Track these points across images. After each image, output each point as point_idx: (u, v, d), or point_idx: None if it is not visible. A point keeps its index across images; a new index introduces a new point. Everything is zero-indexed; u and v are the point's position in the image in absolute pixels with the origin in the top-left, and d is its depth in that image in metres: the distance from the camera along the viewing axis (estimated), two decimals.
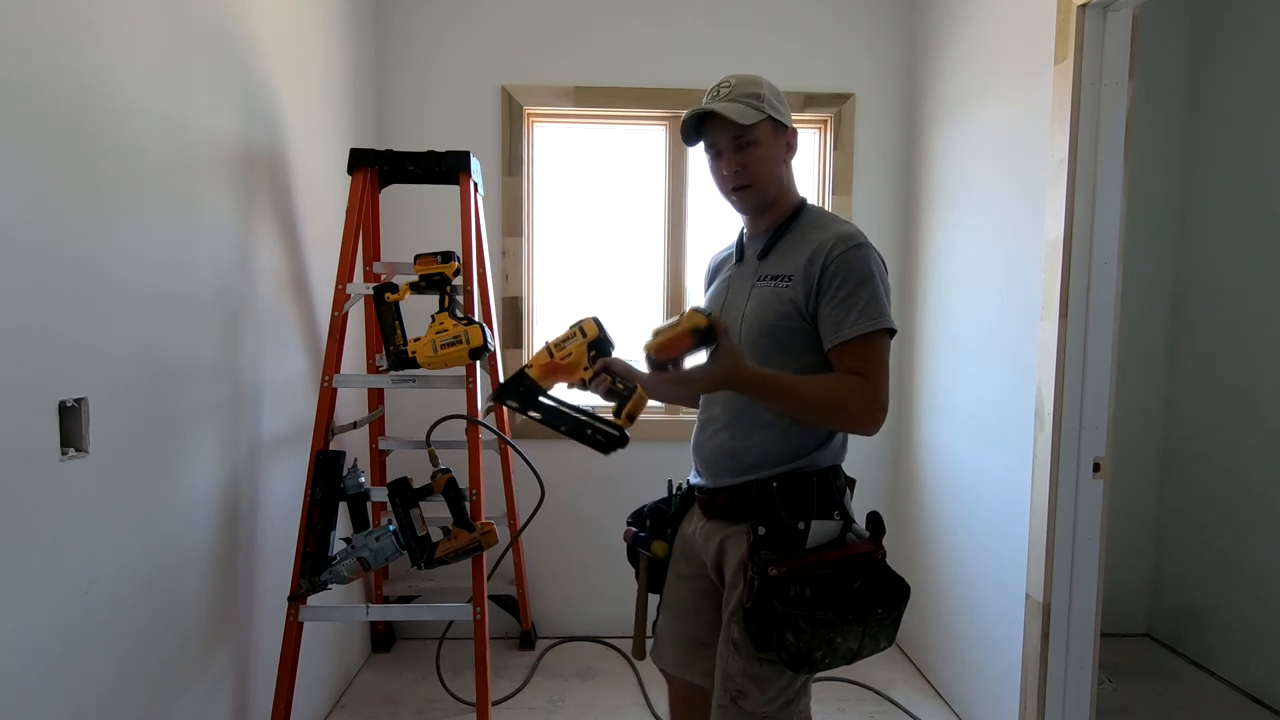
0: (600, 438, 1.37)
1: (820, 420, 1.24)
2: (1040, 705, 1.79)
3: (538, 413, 1.38)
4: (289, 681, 1.77)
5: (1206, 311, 2.61)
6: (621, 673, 2.49)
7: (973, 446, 2.18)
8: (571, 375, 1.37)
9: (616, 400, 1.31)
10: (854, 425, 1.23)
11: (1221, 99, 2.56)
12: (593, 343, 1.36)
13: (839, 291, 1.21)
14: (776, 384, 1.20)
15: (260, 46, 1.76)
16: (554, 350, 1.36)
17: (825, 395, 1.20)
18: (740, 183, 1.30)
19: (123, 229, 1.25)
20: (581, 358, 1.35)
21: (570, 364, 1.36)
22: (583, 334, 1.36)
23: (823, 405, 1.20)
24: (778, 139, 1.30)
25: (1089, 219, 1.69)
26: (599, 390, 1.33)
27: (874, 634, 1.19)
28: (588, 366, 1.35)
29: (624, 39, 2.62)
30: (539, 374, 1.36)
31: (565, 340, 1.36)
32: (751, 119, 1.25)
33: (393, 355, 1.84)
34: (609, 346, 1.37)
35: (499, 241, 2.65)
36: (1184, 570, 2.68)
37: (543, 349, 1.37)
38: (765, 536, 1.21)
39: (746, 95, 1.26)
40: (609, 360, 1.33)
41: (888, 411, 1.22)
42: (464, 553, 1.74)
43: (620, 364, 1.33)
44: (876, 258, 1.24)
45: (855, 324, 1.19)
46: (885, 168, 2.70)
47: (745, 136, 1.26)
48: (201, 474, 1.52)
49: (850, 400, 1.19)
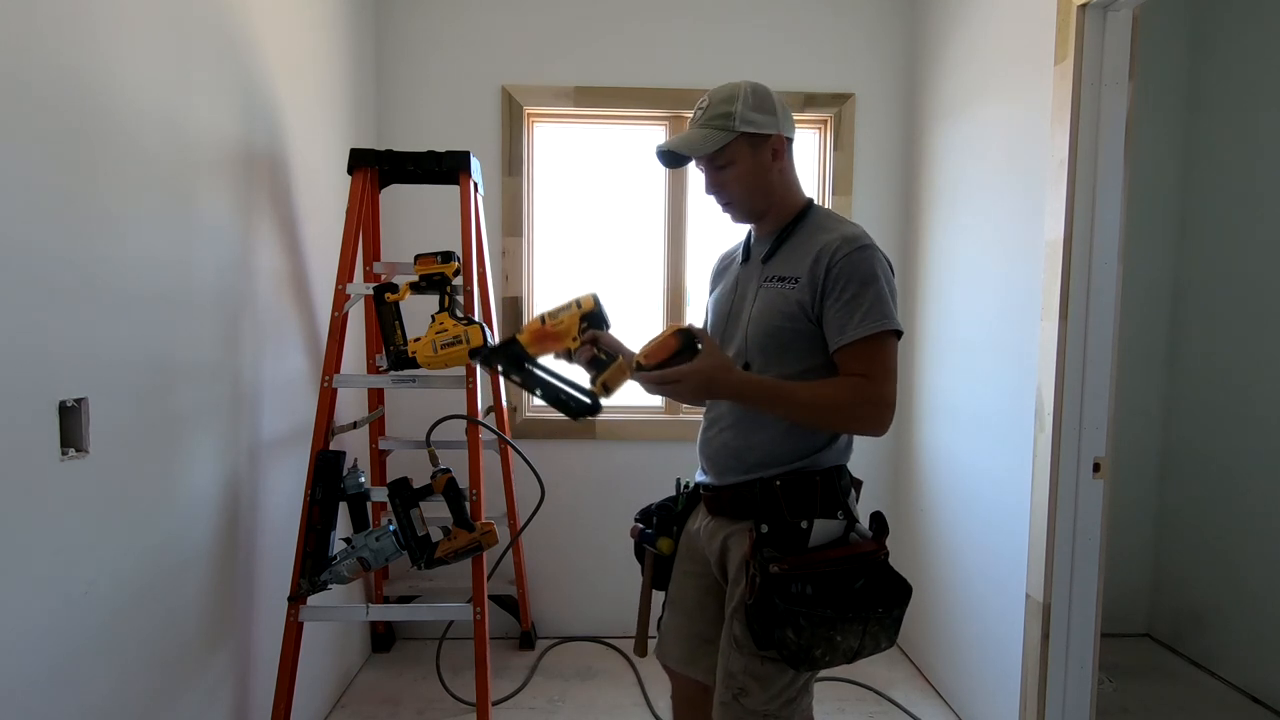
0: (572, 404, 1.36)
1: (822, 423, 1.24)
2: (1040, 705, 1.79)
3: (519, 376, 1.38)
4: (289, 681, 1.77)
5: (1206, 311, 2.61)
6: (621, 673, 2.49)
7: (973, 447, 2.18)
8: (559, 344, 1.37)
9: (596, 370, 1.32)
10: (858, 426, 1.23)
11: (1221, 99, 2.56)
12: (586, 315, 1.36)
13: (843, 293, 1.21)
14: (770, 390, 1.22)
15: (260, 46, 1.76)
16: (547, 318, 1.36)
17: (824, 398, 1.20)
18: (721, 201, 1.32)
19: (123, 229, 1.25)
20: (572, 328, 1.35)
21: (559, 332, 1.36)
22: (578, 306, 1.36)
23: (822, 408, 1.21)
24: (757, 152, 1.28)
25: (1089, 219, 1.69)
26: (582, 360, 1.34)
27: (874, 633, 1.20)
28: (576, 337, 1.35)
29: (624, 39, 2.62)
30: (528, 339, 1.36)
31: (559, 310, 1.37)
32: (714, 145, 1.25)
33: (393, 355, 1.84)
34: (603, 324, 1.37)
35: (499, 241, 2.65)
36: (1184, 570, 2.68)
37: (535, 318, 1.38)
38: (768, 534, 1.22)
39: (717, 117, 1.26)
40: (597, 332, 1.34)
41: (894, 411, 1.22)
42: (464, 553, 1.74)
43: (608, 337, 1.34)
44: (882, 259, 1.24)
45: (859, 326, 1.19)
46: (885, 168, 2.70)
47: (717, 160, 1.27)
48: (201, 474, 1.52)
49: (850, 401, 1.20)
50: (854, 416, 1.21)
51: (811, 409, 1.21)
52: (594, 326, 1.35)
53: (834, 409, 1.21)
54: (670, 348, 1.23)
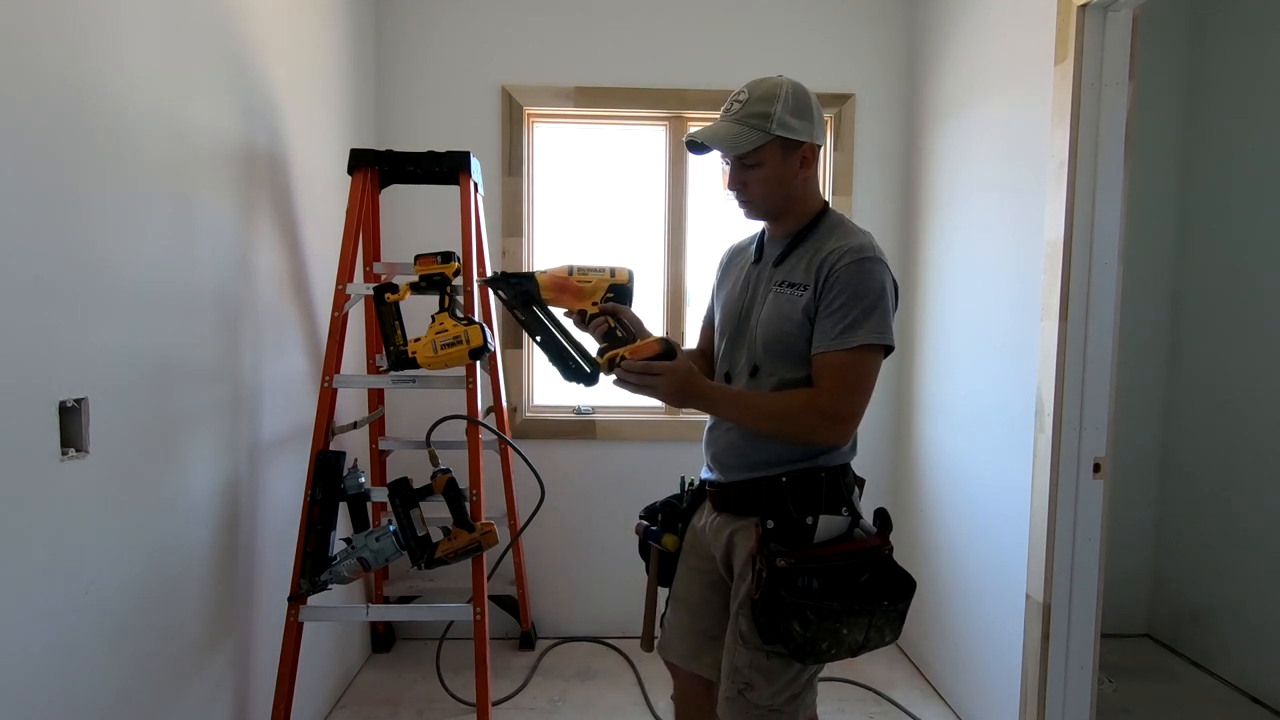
0: (570, 363, 1.31)
1: (778, 432, 1.25)
2: (1040, 706, 1.79)
3: (524, 315, 1.33)
4: (289, 682, 1.77)
5: (1206, 311, 2.61)
6: (622, 673, 2.49)
7: (972, 447, 2.18)
8: (578, 302, 1.32)
9: (609, 343, 1.29)
10: (810, 436, 1.25)
11: (1221, 100, 2.56)
12: (615, 285, 1.32)
13: (833, 302, 1.21)
14: (733, 398, 1.27)
15: (260, 46, 1.76)
16: (575, 271, 1.32)
17: (779, 409, 1.24)
18: (740, 199, 1.31)
19: (123, 229, 1.25)
20: (597, 291, 1.31)
21: (582, 290, 1.31)
22: (611, 274, 1.33)
23: (777, 417, 1.23)
24: (787, 157, 1.26)
25: (1089, 219, 1.69)
26: (596, 331, 1.31)
27: (879, 626, 1.21)
28: (597, 303, 1.31)
29: (624, 39, 2.62)
30: (547, 282, 1.32)
31: (590, 270, 1.32)
32: (748, 145, 1.23)
33: (393, 355, 1.84)
34: (628, 298, 1.34)
35: (499, 242, 2.65)
36: (1184, 570, 2.68)
37: (563, 266, 1.33)
38: (774, 530, 1.23)
39: (754, 115, 1.23)
40: (620, 306, 1.32)
41: (850, 425, 1.24)
42: (464, 553, 1.74)
43: (630, 314, 1.33)
44: (883, 273, 1.23)
45: (836, 338, 1.20)
46: (885, 167, 2.70)
47: (747, 159, 1.25)
48: (202, 474, 1.52)
49: (801, 411, 1.22)
50: (805, 426, 1.23)
51: (769, 419, 1.24)
52: (618, 298, 1.33)
53: (786, 418, 1.23)
54: (651, 350, 1.25)
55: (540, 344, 1.33)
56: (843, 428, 1.24)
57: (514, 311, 1.34)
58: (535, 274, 1.33)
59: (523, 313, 1.33)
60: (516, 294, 1.32)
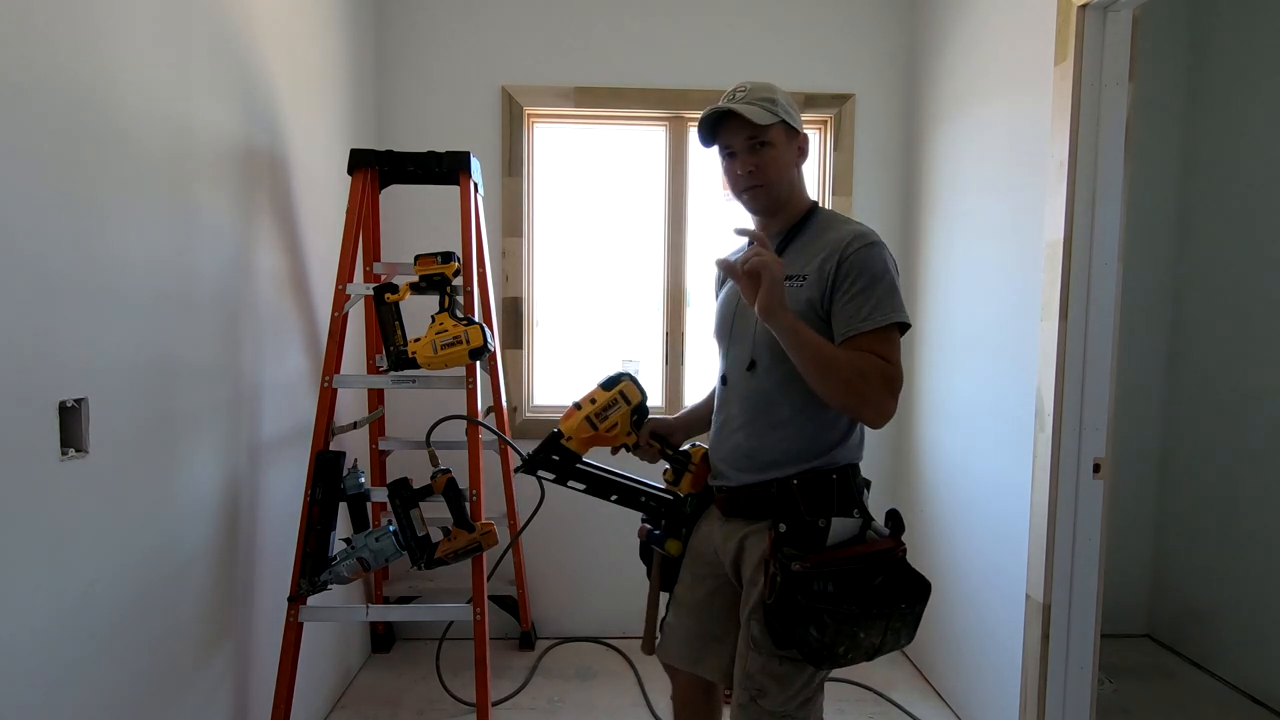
0: (654, 503, 1.41)
1: (841, 388, 1.19)
2: (1040, 706, 1.79)
3: (581, 483, 1.39)
4: (289, 682, 1.77)
5: (1206, 311, 2.61)
6: (622, 673, 2.49)
7: (972, 447, 2.18)
8: (614, 443, 1.40)
9: (674, 466, 1.39)
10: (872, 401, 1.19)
11: (1221, 99, 2.56)
12: (634, 410, 1.38)
13: (854, 286, 1.22)
14: (810, 337, 1.18)
15: (260, 46, 1.75)
16: (597, 422, 1.36)
17: (851, 361, 1.18)
18: (753, 182, 1.31)
19: (123, 229, 1.25)
20: (625, 425, 1.38)
21: (613, 435, 1.38)
22: (625, 400, 1.37)
23: (848, 367, 1.17)
24: (790, 143, 1.32)
25: (1089, 219, 1.69)
26: (647, 457, 1.40)
27: (896, 629, 1.20)
28: (630, 432, 1.38)
29: (624, 39, 2.62)
30: (580, 446, 1.37)
31: (607, 409, 1.36)
32: (767, 120, 1.27)
33: (393, 355, 1.84)
34: (645, 408, 1.40)
35: (499, 242, 2.65)
36: (1184, 570, 2.68)
37: (580, 419, 1.35)
38: (786, 534, 1.22)
39: (762, 99, 1.28)
40: (655, 427, 1.41)
41: (896, 402, 1.22)
42: (464, 553, 1.74)
43: (660, 427, 1.42)
44: (889, 256, 1.26)
45: (870, 317, 1.20)
46: (885, 168, 2.70)
47: (760, 138, 1.28)
48: (201, 474, 1.52)
49: (873, 372, 1.18)
50: (871, 389, 1.18)
51: (845, 367, 1.17)
52: (638, 414, 1.39)
53: (858, 375, 1.17)
54: (701, 454, 1.40)
55: (619, 501, 1.41)
56: (894, 403, 1.21)
57: (569, 485, 1.40)
58: (560, 441, 1.36)
59: (579, 480, 1.39)
60: (561, 467, 1.37)
